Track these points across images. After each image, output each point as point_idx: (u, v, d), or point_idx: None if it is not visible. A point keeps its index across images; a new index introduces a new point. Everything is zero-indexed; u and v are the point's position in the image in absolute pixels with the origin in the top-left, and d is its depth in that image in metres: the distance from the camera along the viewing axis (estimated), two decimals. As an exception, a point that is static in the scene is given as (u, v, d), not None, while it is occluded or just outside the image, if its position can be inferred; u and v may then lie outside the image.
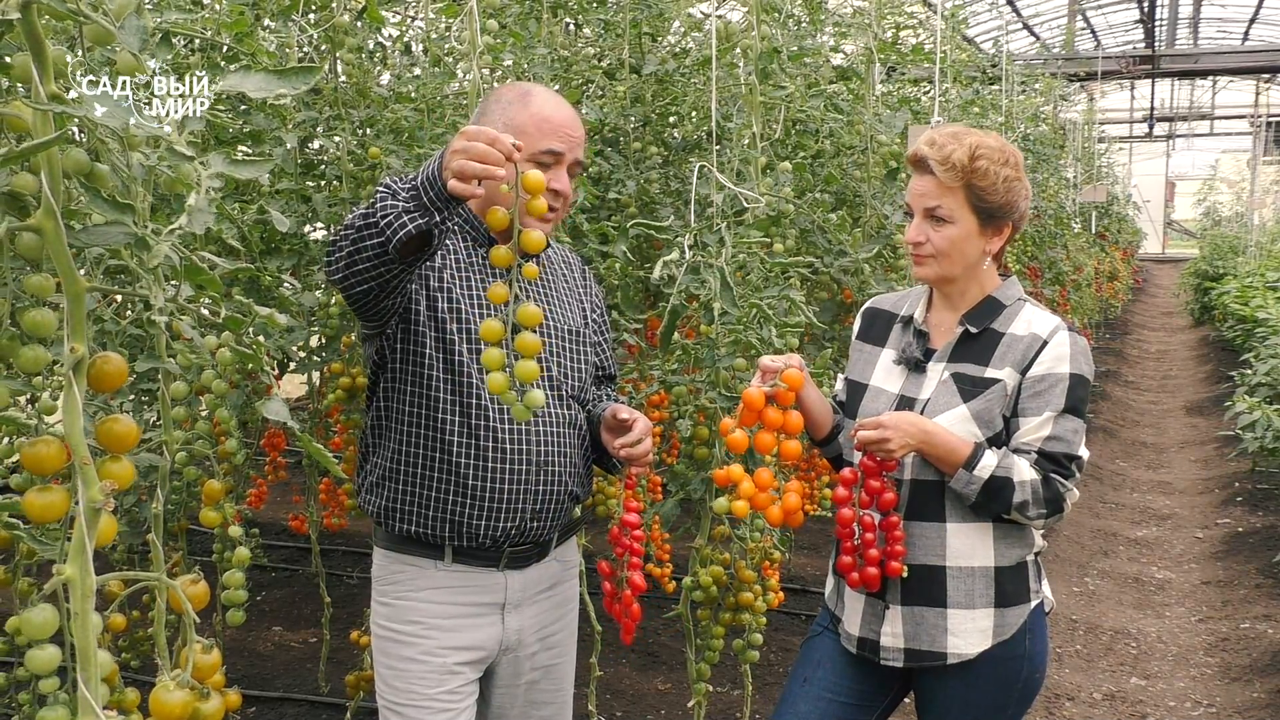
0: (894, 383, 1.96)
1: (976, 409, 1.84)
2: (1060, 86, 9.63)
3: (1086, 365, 1.87)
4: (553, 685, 2.04)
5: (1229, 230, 20.06)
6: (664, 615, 3.90)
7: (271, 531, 5.22)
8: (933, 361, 1.93)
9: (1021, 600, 1.90)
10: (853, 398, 2.02)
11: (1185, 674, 4.23)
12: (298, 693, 3.69)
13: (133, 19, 0.92)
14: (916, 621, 1.89)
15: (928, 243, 1.88)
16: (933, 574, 1.87)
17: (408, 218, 1.55)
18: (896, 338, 2.01)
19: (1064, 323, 1.90)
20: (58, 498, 0.93)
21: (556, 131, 1.84)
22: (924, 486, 1.88)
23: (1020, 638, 1.90)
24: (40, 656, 0.97)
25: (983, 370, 1.87)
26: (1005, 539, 1.89)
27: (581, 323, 2.02)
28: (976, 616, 1.87)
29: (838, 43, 4.29)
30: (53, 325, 0.96)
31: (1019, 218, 1.92)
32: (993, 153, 1.85)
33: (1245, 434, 5.23)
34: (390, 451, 1.88)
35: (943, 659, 1.88)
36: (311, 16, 2.62)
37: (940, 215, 1.86)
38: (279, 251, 2.53)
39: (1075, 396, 1.84)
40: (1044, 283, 7.22)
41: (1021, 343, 1.87)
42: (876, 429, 1.80)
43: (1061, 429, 1.83)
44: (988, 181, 1.84)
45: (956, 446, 1.80)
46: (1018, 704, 1.93)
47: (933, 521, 1.87)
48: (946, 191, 1.85)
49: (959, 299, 1.95)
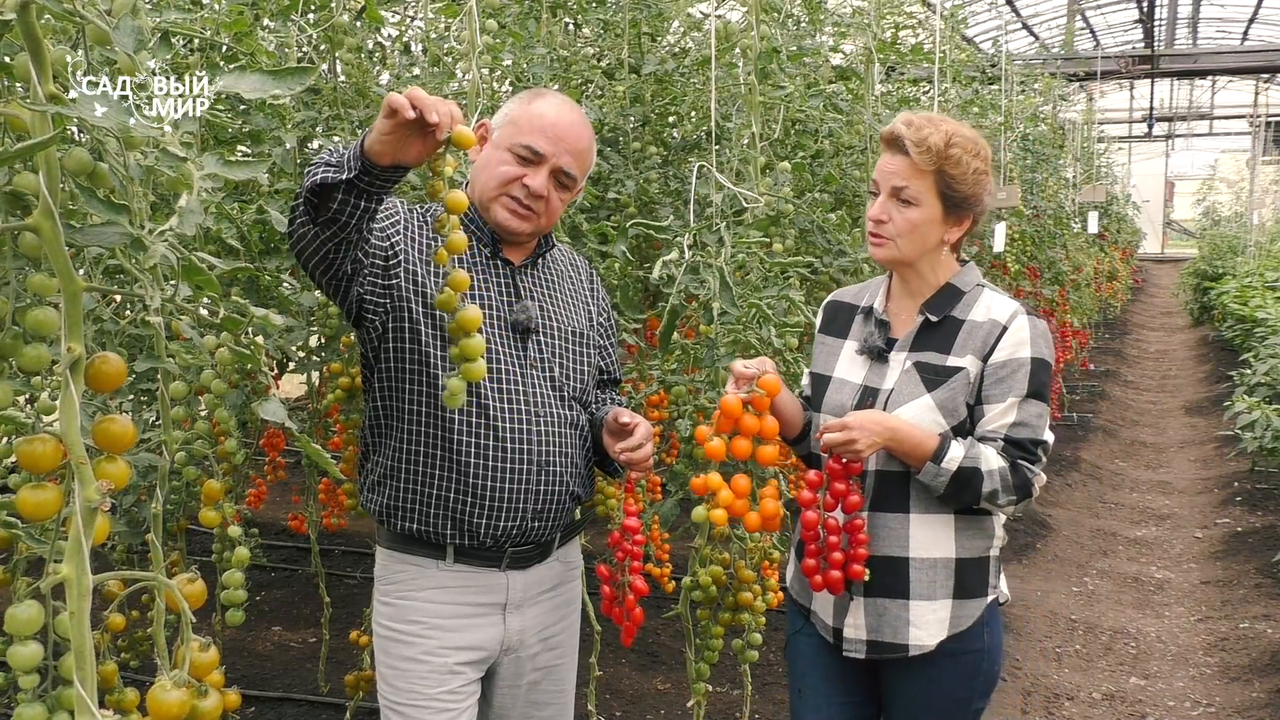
0: (857, 373, 1.96)
1: (940, 398, 1.85)
2: (1059, 86, 9.63)
3: (1047, 349, 1.88)
4: (554, 686, 2.04)
5: (1228, 230, 20.05)
6: (663, 615, 3.90)
7: (271, 531, 5.21)
8: (895, 351, 1.93)
9: (980, 594, 1.92)
10: (817, 390, 2.02)
11: (1184, 674, 4.23)
12: (297, 693, 3.68)
13: (127, 20, 0.92)
14: (879, 613, 1.89)
15: (890, 223, 1.88)
16: (896, 565, 1.88)
17: (322, 169, 1.56)
18: (858, 329, 2.01)
19: (1022, 307, 1.91)
20: (51, 495, 0.93)
21: (545, 131, 1.83)
22: (889, 478, 1.89)
23: (978, 631, 1.91)
24: (22, 653, 0.97)
25: (945, 359, 1.87)
26: (967, 531, 1.90)
27: (586, 325, 2.02)
28: (936, 608, 1.88)
29: (837, 43, 4.29)
30: (55, 324, 0.96)
31: (980, 211, 1.93)
32: (967, 143, 1.86)
33: (1244, 434, 5.22)
34: (392, 449, 1.88)
35: (904, 650, 1.89)
36: (311, 16, 2.62)
37: (907, 197, 1.86)
38: (278, 251, 2.53)
39: (1037, 380, 1.85)
40: (1044, 283, 7.21)
41: (981, 329, 1.87)
42: (842, 431, 1.79)
43: (1026, 414, 1.84)
44: (959, 170, 1.85)
45: (922, 440, 1.80)
46: (980, 697, 1.95)
47: (897, 512, 1.88)
48: (917, 174, 1.85)
49: (918, 286, 1.95)
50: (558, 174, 1.86)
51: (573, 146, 1.86)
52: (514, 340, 1.88)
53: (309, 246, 1.66)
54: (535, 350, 1.90)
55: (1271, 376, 5.71)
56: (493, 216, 1.87)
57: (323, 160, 1.57)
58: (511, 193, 1.84)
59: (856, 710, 2.02)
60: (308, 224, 1.62)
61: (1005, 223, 5.27)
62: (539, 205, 1.86)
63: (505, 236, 1.90)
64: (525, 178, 1.83)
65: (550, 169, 1.85)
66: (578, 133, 1.87)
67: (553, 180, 1.86)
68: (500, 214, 1.86)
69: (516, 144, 1.83)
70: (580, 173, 1.91)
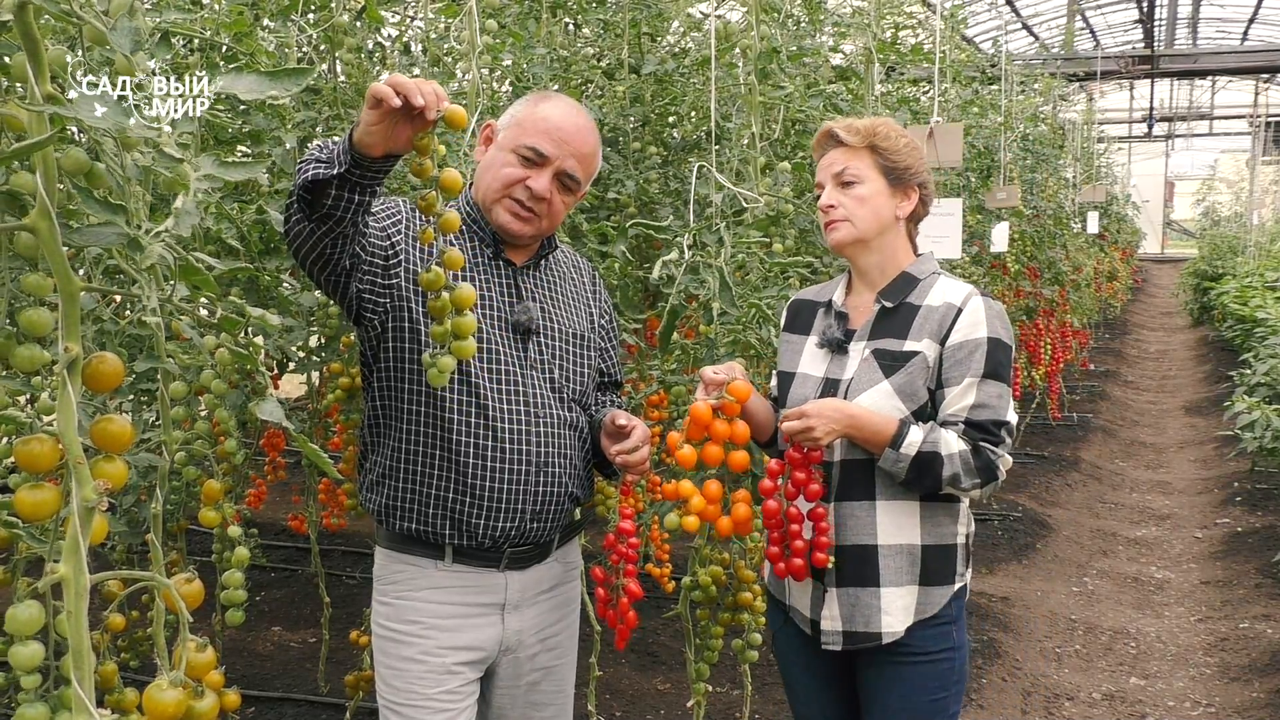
0: (819, 366, 1.98)
1: (898, 383, 1.86)
2: (1059, 86, 9.63)
3: (1004, 329, 1.89)
4: (553, 686, 2.04)
5: (1228, 230, 20.05)
6: (663, 615, 3.90)
7: (271, 531, 5.22)
8: (854, 341, 1.95)
9: (945, 581, 1.92)
10: (783, 388, 2.04)
11: (1184, 674, 4.23)
12: (297, 693, 3.69)
13: (125, 20, 0.92)
14: (852, 603, 1.90)
15: (839, 206, 1.92)
16: (865, 554, 1.89)
17: (313, 165, 1.56)
18: (819, 324, 2.03)
19: (977, 290, 1.93)
20: (49, 495, 0.93)
21: (550, 133, 1.83)
22: (853, 466, 1.90)
23: (948, 630, 1.92)
24: (23, 653, 0.97)
25: (901, 344, 1.89)
26: (932, 518, 1.90)
27: (587, 327, 2.02)
28: (903, 594, 1.89)
29: (837, 43, 4.29)
30: (49, 324, 0.96)
31: (924, 185, 1.98)
32: (891, 124, 1.96)
33: (1244, 434, 5.22)
34: (391, 449, 1.88)
35: (878, 639, 1.89)
36: (311, 16, 2.62)
37: (849, 177, 1.92)
38: (278, 251, 2.53)
39: (995, 360, 1.85)
40: (1044, 283, 7.21)
41: (937, 313, 1.89)
42: (800, 419, 1.81)
43: (985, 395, 1.84)
44: (890, 144, 1.93)
45: (881, 427, 1.81)
46: (955, 696, 1.96)
47: (863, 501, 1.89)
48: (853, 154, 1.92)
49: (876, 277, 1.97)
50: (561, 176, 1.86)
51: (577, 150, 1.86)
52: (514, 341, 1.88)
53: (305, 243, 1.66)
54: (535, 351, 1.90)
55: (1271, 376, 5.71)
56: (495, 218, 1.87)
57: (313, 156, 1.57)
58: (514, 195, 1.84)
59: (845, 704, 2.04)
60: (302, 221, 1.62)
61: (1006, 222, 5.27)
62: (541, 207, 1.85)
63: (507, 238, 1.90)
64: (529, 179, 1.83)
65: (554, 171, 1.84)
66: (583, 137, 1.87)
67: (556, 183, 1.86)
68: (502, 216, 1.86)
69: (521, 145, 1.83)
70: (585, 176, 1.91)
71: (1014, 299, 6.52)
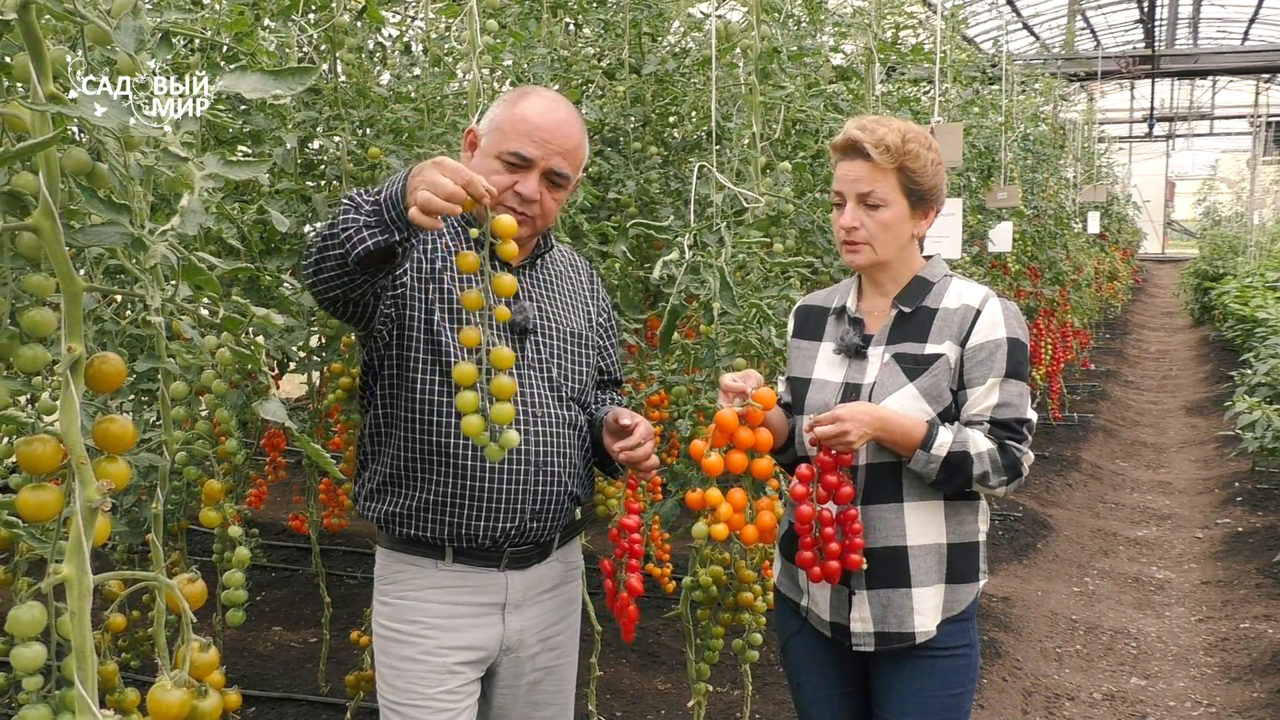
0: (837, 373, 1.97)
1: (924, 386, 1.86)
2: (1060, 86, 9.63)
3: (1020, 329, 1.91)
4: (554, 686, 2.04)
5: (1229, 230, 20.05)
6: (664, 615, 3.90)
7: (271, 531, 5.22)
8: (871, 346, 1.95)
9: (970, 579, 1.94)
10: (797, 394, 2.03)
11: (1185, 674, 4.23)
12: (298, 693, 3.69)
13: (128, 20, 0.92)
14: (884, 604, 1.90)
15: (862, 228, 1.90)
16: (895, 555, 1.89)
17: (367, 233, 1.58)
18: (832, 329, 2.02)
19: (992, 291, 1.93)
20: (52, 496, 0.93)
21: (531, 135, 1.80)
22: (880, 469, 1.90)
23: (966, 626, 1.93)
24: (25, 654, 0.96)
25: (922, 347, 1.89)
26: (955, 516, 1.92)
27: (585, 326, 2.01)
28: (933, 593, 1.90)
29: (837, 43, 4.29)
30: (52, 324, 0.96)
31: (940, 201, 1.96)
32: (919, 136, 1.89)
33: (1245, 434, 5.22)
34: (390, 456, 1.87)
35: (911, 639, 1.90)
36: (311, 16, 2.62)
37: (875, 200, 1.88)
38: (279, 251, 2.53)
39: (1015, 360, 1.87)
40: (1044, 283, 7.21)
41: (956, 315, 1.90)
42: (833, 423, 1.80)
43: (1008, 394, 1.86)
44: (919, 164, 1.88)
45: (911, 429, 1.82)
46: (968, 693, 1.97)
47: (891, 503, 1.89)
48: (880, 175, 1.87)
49: (889, 284, 1.97)
50: (549, 175, 1.84)
51: (561, 146, 1.83)
52: (511, 341, 1.88)
53: (334, 288, 1.69)
54: (533, 351, 1.90)
55: (1272, 376, 5.70)
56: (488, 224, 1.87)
57: (357, 222, 1.58)
58: (505, 202, 1.82)
59: (857, 700, 2.04)
60: (350, 274, 1.64)
61: (1009, 222, 5.27)
62: (533, 209, 1.84)
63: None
64: (517, 185, 1.81)
65: (540, 172, 1.82)
66: (565, 131, 1.84)
67: (545, 182, 1.83)
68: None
69: (504, 151, 1.80)
70: (573, 170, 1.88)
71: (1015, 299, 6.52)
